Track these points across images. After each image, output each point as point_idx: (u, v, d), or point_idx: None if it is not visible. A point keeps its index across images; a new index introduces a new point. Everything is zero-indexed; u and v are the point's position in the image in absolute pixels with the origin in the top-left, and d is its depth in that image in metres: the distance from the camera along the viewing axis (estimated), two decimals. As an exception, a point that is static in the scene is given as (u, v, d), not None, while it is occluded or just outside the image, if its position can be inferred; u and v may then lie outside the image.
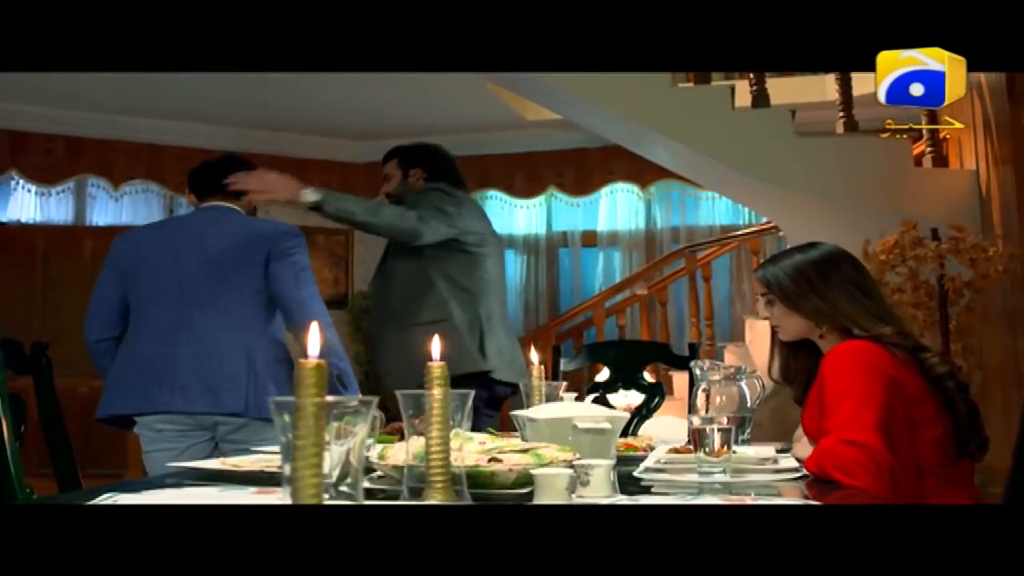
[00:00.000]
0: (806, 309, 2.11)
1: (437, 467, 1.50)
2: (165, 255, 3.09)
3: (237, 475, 1.94)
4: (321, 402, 1.09)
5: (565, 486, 1.46)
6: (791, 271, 2.15)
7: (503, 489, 1.61)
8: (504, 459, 1.63)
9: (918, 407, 1.95)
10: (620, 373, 3.42)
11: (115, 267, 3.20)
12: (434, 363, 1.54)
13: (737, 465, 1.91)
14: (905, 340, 2.02)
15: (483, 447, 1.76)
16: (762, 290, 2.19)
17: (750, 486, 1.84)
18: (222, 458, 2.09)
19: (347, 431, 1.14)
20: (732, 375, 2.53)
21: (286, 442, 1.09)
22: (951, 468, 1.96)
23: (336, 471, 1.16)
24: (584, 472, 1.60)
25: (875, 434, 1.79)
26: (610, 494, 1.59)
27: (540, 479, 1.47)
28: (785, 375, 2.24)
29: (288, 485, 1.07)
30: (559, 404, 2.18)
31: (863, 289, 2.13)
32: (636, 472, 1.95)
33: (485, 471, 1.60)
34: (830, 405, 1.90)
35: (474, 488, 1.61)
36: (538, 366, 2.42)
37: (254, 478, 1.93)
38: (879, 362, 1.94)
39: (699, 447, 1.84)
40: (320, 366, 1.10)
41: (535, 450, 1.71)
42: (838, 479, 1.76)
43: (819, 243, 2.25)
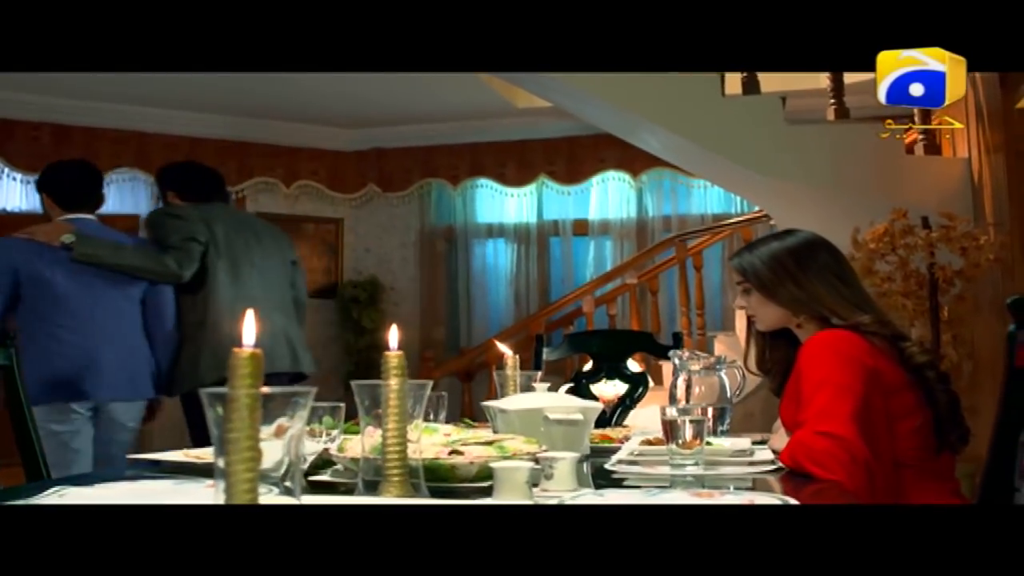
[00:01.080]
0: (783, 297, 2.06)
1: (394, 460, 1.45)
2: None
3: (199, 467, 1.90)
4: (256, 393, 1.04)
5: (525, 480, 1.41)
6: (767, 259, 2.10)
7: (465, 483, 1.56)
8: (466, 452, 1.58)
9: (897, 398, 1.90)
10: (604, 363, 3.38)
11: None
12: (391, 352, 1.49)
13: (711, 457, 1.86)
14: (884, 329, 1.97)
15: (447, 439, 1.72)
16: (738, 279, 2.14)
17: (723, 479, 1.80)
18: (184, 450, 2.04)
19: (286, 426, 1.09)
20: (712, 365, 2.49)
21: (219, 435, 1.04)
22: (931, 461, 1.91)
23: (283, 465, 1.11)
24: (548, 465, 1.55)
25: (851, 426, 1.74)
26: (575, 488, 1.54)
27: (499, 473, 1.42)
28: (761, 365, 2.19)
29: (221, 480, 1.03)
30: (531, 395, 2.13)
31: (841, 277, 2.08)
32: (608, 465, 1.90)
33: (445, 464, 1.55)
34: (806, 396, 1.85)
35: (435, 482, 1.56)
36: (513, 356, 2.37)
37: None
38: (857, 352, 1.89)
39: (671, 439, 1.80)
40: (256, 355, 1.06)
41: (499, 442, 1.67)
42: (812, 472, 1.71)
43: (796, 230, 2.21)
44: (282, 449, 1.09)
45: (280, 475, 1.10)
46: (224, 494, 1.02)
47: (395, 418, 1.45)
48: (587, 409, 2.05)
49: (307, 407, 1.08)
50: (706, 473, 1.79)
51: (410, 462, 1.46)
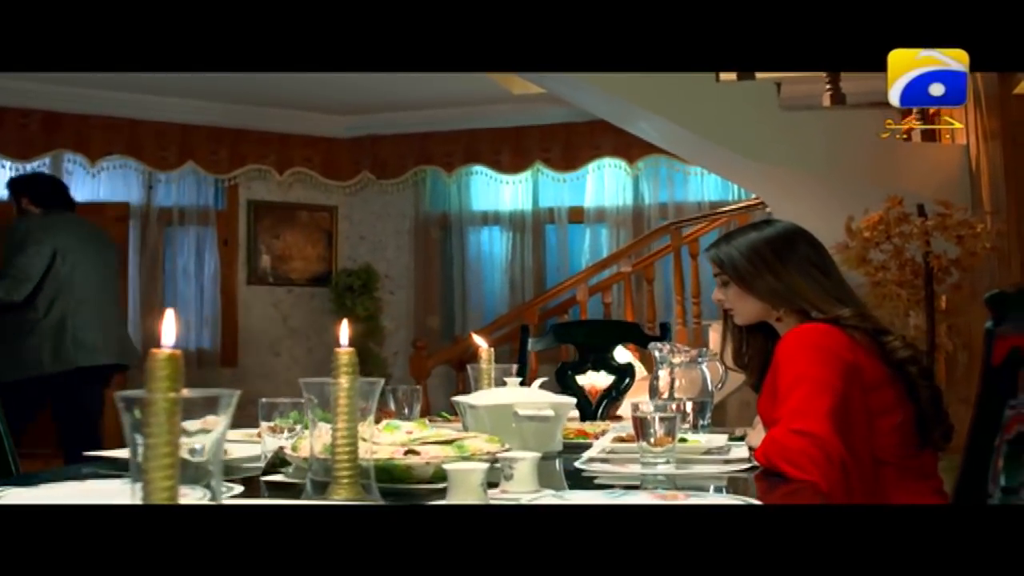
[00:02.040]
0: (761, 289, 1.99)
1: (344, 462, 1.40)
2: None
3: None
4: (175, 397, 0.99)
5: (480, 482, 1.35)
6: (745, 249, 2.02)
7: (421, 484, 1.50)
8: (422, 451, 1.52)
9: (877, 394, 1.84)
10: (590, 353, 3.32)
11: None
12: (342, 349, 1.44)
13: (683, 456, 1.81)
14: (865, 322, 1.90)
15: (408, 437, 1.66)
16: (714, 270, 2.07)
17: (696, 478, 1.74)
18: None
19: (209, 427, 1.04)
20: (694, 358, 2.43)
21: (135, 441, 0.98)
22: (912, 458, 1.85)
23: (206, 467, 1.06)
24: (508, 465, 1.49)
25: (827, 424, 1.68)
26: (536, 489, 1.48)
27: (453, 475, 1.36)
28: (738, 360, 2.12)
29: (139, 484, 0.97)
30: (501, 390, 2.07)
31: (821, 268, 2.01)
32: (578, 463, 1.85)
33: (400, 464, 1.49)
34: (782, 392, 1.79)
35: (390, 482, 1.51)
36: (487, 349, 2.31)
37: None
38: (836, 346, 1.83)
39: (641, 436, 1.74)
40: (174, 356, 1.00)
41: (460, 441, 1.61)
42: (786, 472, 1.65)
43: (775, 220, 2.14)
44: (206, 451, 1.03)
45: (202, 476, 1.05)
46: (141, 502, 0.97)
47: (345, 417, 1.39)
48: (558, 405, 1.99)
49: (231, 407, 1.03)
50: (678, 472, 1.74)
51: (361, 462, 1.41)
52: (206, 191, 6.97)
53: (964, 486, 1.26)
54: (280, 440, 1.75)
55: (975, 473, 1.24)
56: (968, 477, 1.26)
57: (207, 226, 6.97)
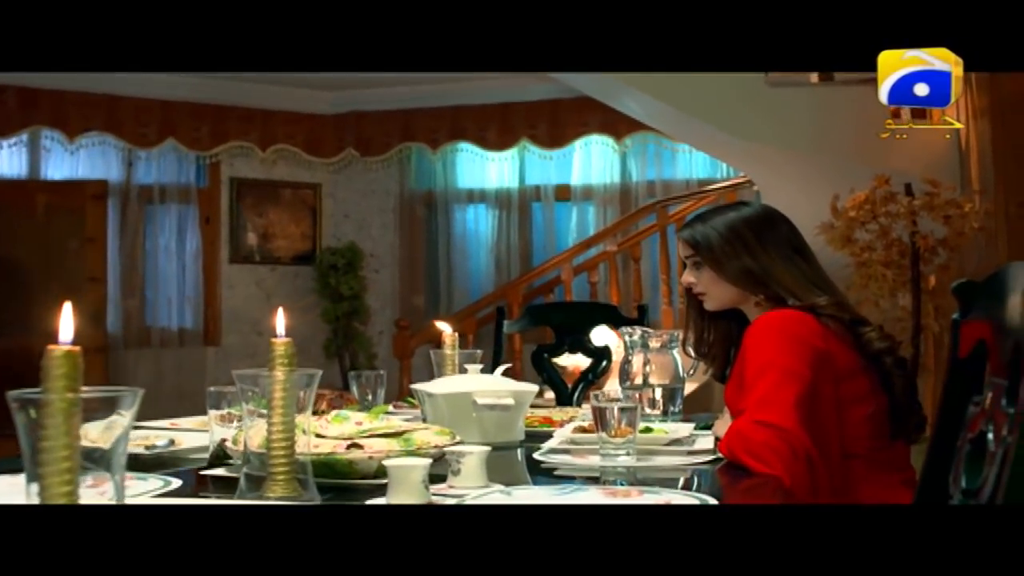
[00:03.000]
0: (735, 272, 1.89)
1: (279, 457, 1.33)
2: None
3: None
4: (74, 397, 0.92)
5: (421, 479, 1.29)
6: (723, 229, 1.92)
7: (366, 479, 1.44)
8: (366, 445, 1.46)
9: (849, 383, 1.77)
10: (566, 336, 3.25)
11: None
12: (278, 340, 1.36)
13: (645, 446, 1.74)
14: (842, 312, 1.82)
15: (358, 428, 1.59)
16: (687, 252, 1.97)
17: (657, 470, 1.67)
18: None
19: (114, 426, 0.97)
20: (665, 343, 2.36)
21: (30, 443, 0.92)
22: (883, 450, 1.78)
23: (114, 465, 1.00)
24: (456, 460, 1.42)
25: (793, 415, 1.61)
26: (484, 484, 1.42)
27: (393, 471, 1.29)
28: (699, 349, 2.04)
29: (35, 486, 0.91)
30: (461, 377, 2.00)
31: (800, 251, 1.93)
32: (537, 454, 1.78)
33: (342, 459, 1.42)
34: (749, 380, 1.72)
35: (333, 478, 1.44)
36: (451, 334, 2.24)
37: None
38: (807, 334, 1.75)
39: (600, 427, 1.67)
40: (72, 353, 0.93)
41: (409, 433, 1.54)
42: (749, 465, 1.58)
43: (750, 201, 2.06)
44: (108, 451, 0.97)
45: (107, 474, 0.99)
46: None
47: (281, 412, 1.32)
48: (519, 393, 1.92)
49: (135, 406, 0.96)
50: (638, 464, 1.67)
51: (299, 457, 1.34)
52: (187, 168, 6.87)
53: (927, 486, 1.20)
54: (231, 430, 1.68)
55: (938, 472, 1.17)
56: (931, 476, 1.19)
57: (188, 204, 6.88)
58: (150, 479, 1.55)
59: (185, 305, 6.84)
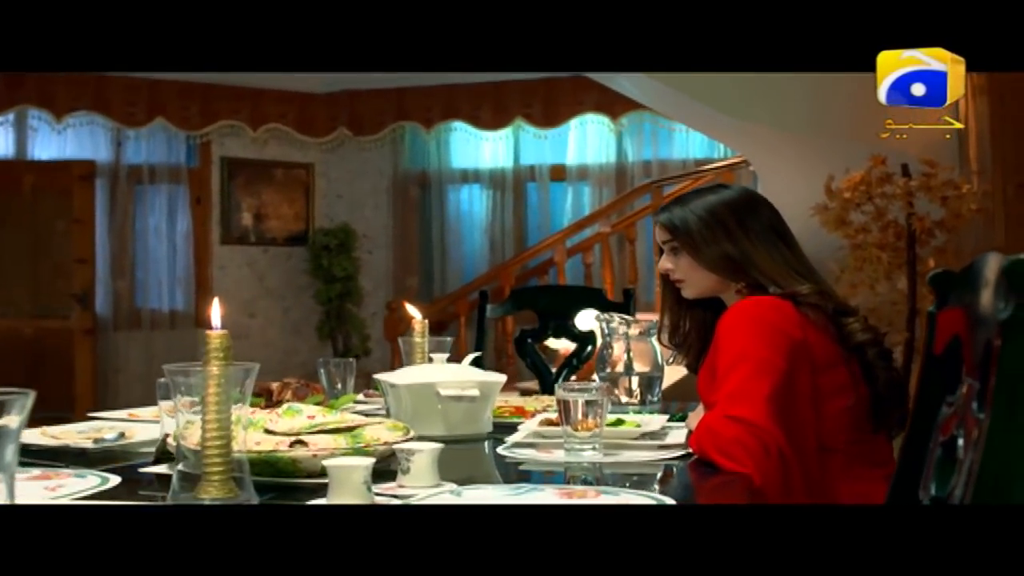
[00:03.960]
0: (714, 258, 1.80)
1: (214, 456, 1.25)
2: None
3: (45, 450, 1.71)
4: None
5: (362, 480, 1.21)
6: (703, 213, 1.83)
7: (312, 477, 1.36)
8: (311, 442, 1.38)
9: (828, 374, 1.69)
10: (550, 320, 3.17)
11: None
12: (213, 332, 1.29)
13: (613, 441, 1.66)
14: (825, 301, 1.73)
15: (310, 422, 1.52)
16: (664, 236, 1.89)
17: (624, 466, 1.60)
18: (43, 427, 1.85)
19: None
20: (645, 330, 2.28)
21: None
22: (863, 444, 1.71)
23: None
24: (406, 458, 1.35)
25: (765, 410, 1.53)
26: (435, 484, 1.35)
27: (332, 472, 1.22)
28: (674, 338, 1.96)
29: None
30: (425, 367, 1.93)
31: (783, 237, 1.84)
32: (501, 448, 1.71)
33: (284, 457, 1.35)
34: (721, 372, 1.64)
35: (276, 476, 1.37)
36: (421, 321, 2.16)
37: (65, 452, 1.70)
38: (782, 322, 1.67)
39: (564, 420, 1.60)
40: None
41: (359, 429, 1.47)
42: (718, 463, 1.50)
43: (731, 184, 1.97)
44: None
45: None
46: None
47: (215, 409, 1.24)
48: (485, 383, 1.85)
49: (26, 410, 0.89)
50: (605, 460, 1.60)
51: (236, 456, 1.26)
52: (177, 148, 6.77)
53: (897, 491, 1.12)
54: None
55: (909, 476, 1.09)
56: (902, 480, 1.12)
57: (179, 184, 6.78)
58: (89, 476, 1.48)
59: (176, 287, 6.77)
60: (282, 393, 2.09)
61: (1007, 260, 0.83)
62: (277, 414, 1.54)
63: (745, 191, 1.95)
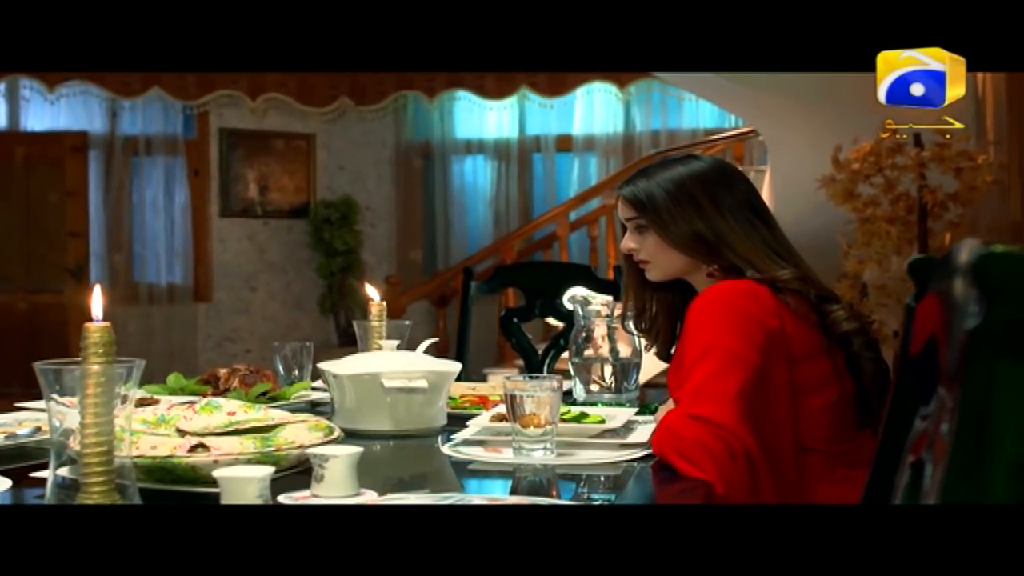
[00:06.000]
0: (682, 236, 1.63)
1: (94, 463, 1.11)
2: None
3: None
4: None
5: (257, 494, 1.07)
6: (672, 186, 1.65)
7: (212, 486, 1.22)
8: (213, 446, 1.24)
9: (807, 367, 1.52)
10: (536, 299, 3.01)
11: None
12: (93, 325, 1.14)
13: (570, 439, 1.51)
14: (807, 287, 1.56)
15: (229, 419, 1.38)
16: (628, 212, 1.72)
17: (580, 468, 1.45)
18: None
19: None
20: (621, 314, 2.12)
21: None
22: (845, 443, 1.55)
23: None
24: (319, 464, 1.20)
25: (732, 409, 1.37)
26: (353, 492, 1.20)
27: (224, 484, 1.07)
28: (640, 323, 1.79)
29: None
30: (371, 355, 1.78)
31: (760, 215, 1.66)
32: (446, 447, 1.56)
33: (182, 463, 1.20)
34: (687, 365, 1.47)
35: (174, 484, 1.23)
36: (379, 303, 2.01)
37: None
38: (758, 310, 1.51)
39: (511, 416, 1.45)
40: None
41: (279, 428, 1.32)
42: (679, 467, 1.35)
43: (701, 155, 1.80)
44: None
45: None
46: None
47: (94, 411, 1.10)
48: (436, 373, 1.69)
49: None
50: (558, 461, 1.44)
51: (121, 461, 1.12)
52: (174, 119, 6.63)
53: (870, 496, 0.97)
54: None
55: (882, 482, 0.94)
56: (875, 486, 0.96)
57: (176, 156, 6.65)
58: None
59: (174, 260, 6.66)
60: (229, 380, 1.95)
61: (976, 254, 0.67)
62: (193, 410, 1.40)
63: (718, 162, 1.77)
